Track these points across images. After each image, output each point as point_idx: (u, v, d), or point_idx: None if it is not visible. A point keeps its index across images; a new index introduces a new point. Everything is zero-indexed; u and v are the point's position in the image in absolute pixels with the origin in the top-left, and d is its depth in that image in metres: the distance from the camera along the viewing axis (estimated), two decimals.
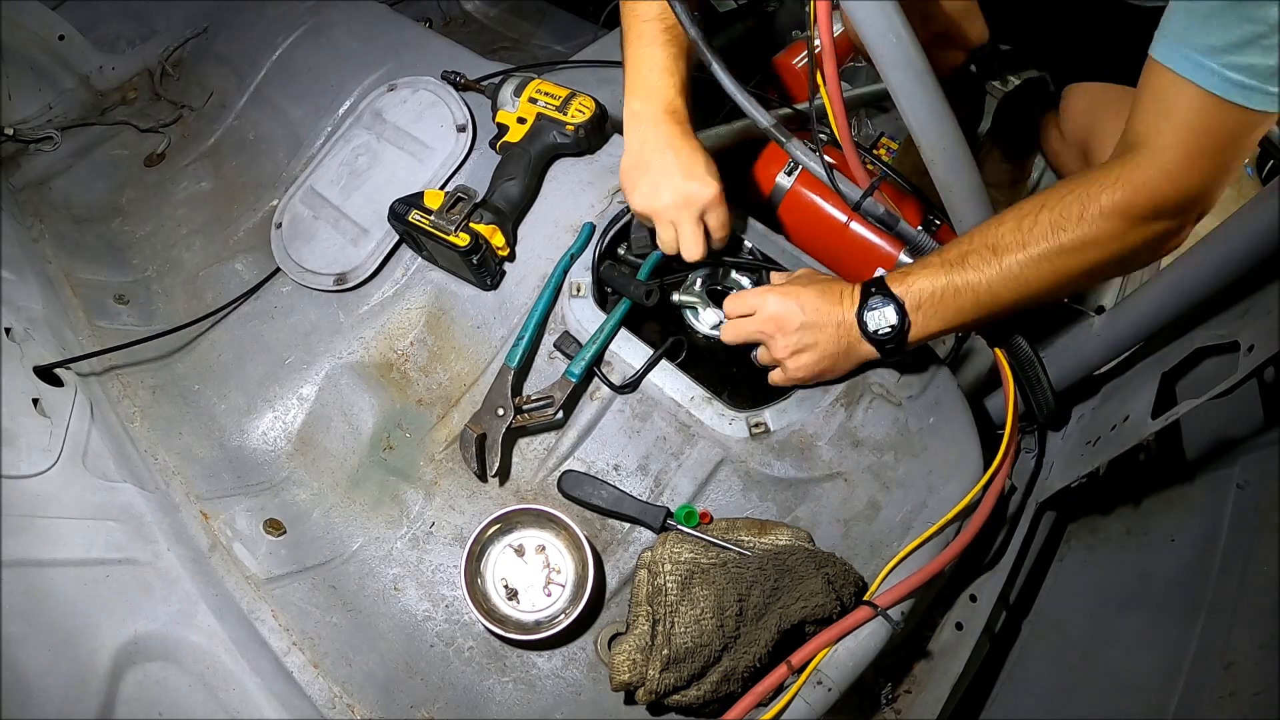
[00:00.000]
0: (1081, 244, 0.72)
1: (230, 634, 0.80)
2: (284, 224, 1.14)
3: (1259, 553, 0.74)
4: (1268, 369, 0.79)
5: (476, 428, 0.91)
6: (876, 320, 0.79)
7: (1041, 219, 0.74)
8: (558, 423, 0.92)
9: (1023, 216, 0.75)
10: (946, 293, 0.77)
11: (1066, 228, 0.72)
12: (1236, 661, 0.69)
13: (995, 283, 0.76)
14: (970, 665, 0.92)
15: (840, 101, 0.83)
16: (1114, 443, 0.87)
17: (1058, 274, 0.75)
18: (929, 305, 0.78)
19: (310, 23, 1.33)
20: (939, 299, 0.78)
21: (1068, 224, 0.72)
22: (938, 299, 0.78)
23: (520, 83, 1.06)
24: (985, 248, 0.76)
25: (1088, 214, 0.72)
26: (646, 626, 0.79)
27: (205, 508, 0.92)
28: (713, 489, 0.89)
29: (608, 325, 0.92)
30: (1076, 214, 0.72)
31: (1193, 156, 0.69)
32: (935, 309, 0.78)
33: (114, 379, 1.03)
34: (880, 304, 0.79)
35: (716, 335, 0.96)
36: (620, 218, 0.99)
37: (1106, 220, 0.71)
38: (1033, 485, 1.03)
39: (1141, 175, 0.70)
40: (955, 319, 0.79)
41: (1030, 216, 0.74)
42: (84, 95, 1.45)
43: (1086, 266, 0.74)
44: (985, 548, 0.99)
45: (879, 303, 0.79)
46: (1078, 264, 0.74)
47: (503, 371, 0.93)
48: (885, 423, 0.89)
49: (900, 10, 0.74)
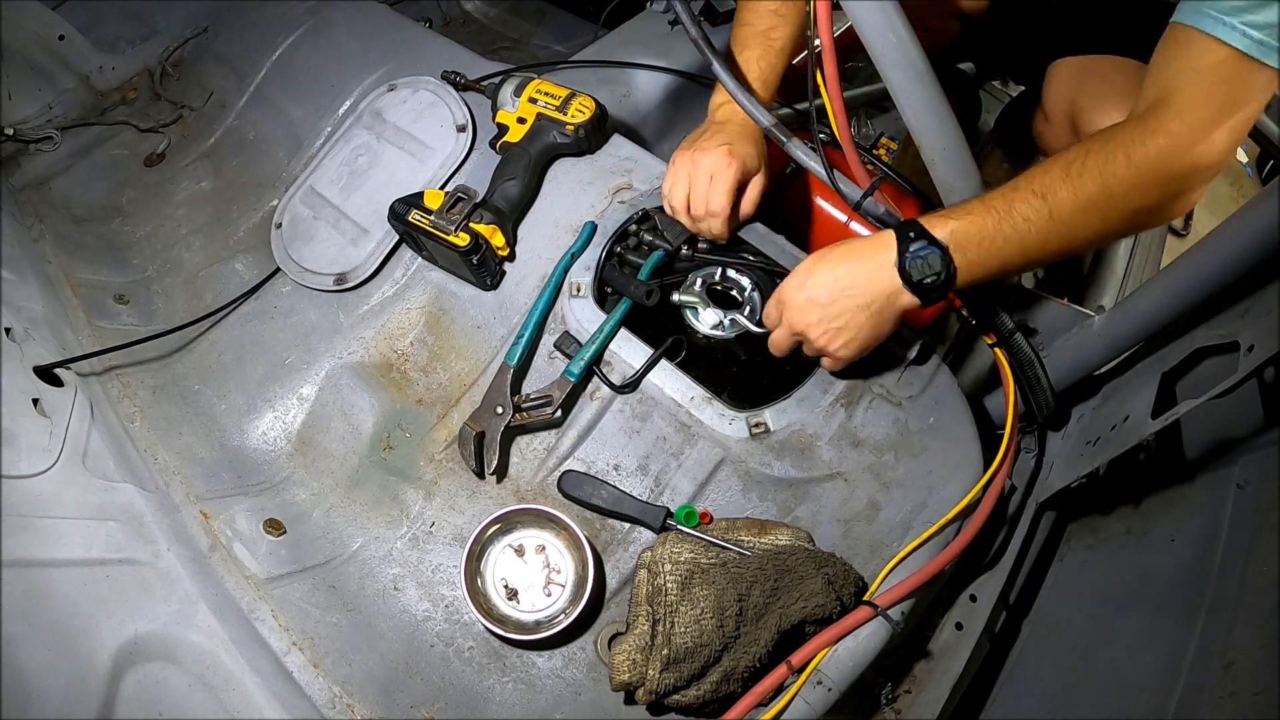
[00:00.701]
0: (1128, 189, 0.72)
1: (230, 634, 0.80)
2: (284, 224, 1.14)
3: (1259, 553, 0.74)
4: (1268, 369, 0.79)
5: (475, 425, 0.91)
6: (921, 270, 0.75)
7: (1090, 165, 0.73)
8: (556, 421, 0.92)
9: (1069, 163, 0.74)
10: (994, 239, 0.75)
11: (1117, 173, 0.72)
12: (1236, 661, 0.69)
13: (1044, 228, 0.74)
14: (970, 665, 0.92)
15: (840, 101, 0.83)
16: (1114, 443, 0.87)
17: (1105, 220, 0.74)
18: (975, 251, 0.75)
19: (310, 23, 1.33)
20: (984, 245, 0.75)
21: (1117, 169, 0.72)
22: (983, 245, 0.75)
23: (520, 83, 1.06)
24: (1032, 193, 0.74)
25: (1135, 159, 0.72)
26: (646, 626, 0.79)
27: (205, 508, 0.92)
28: (713, 489, 0.89)
29: (607, 325, 0.92)
30: (1124, 159, 0.72)
31: (1218, 111, 0.70)
32: (980, 255, 0.75)
33: (114, 379, 1.03)
34: (924, 250, 0.75)
35: (717, 335, 0.96)
36: (625, 224, 0.99)
37: (1151, 167, 0.72)
38: (1033, 485, 1.03)
39: (1176, 127, 0.71)
40: (1000, 265, 0.76)
41: (1078, 163, 0.74)
42: (84, 95, 1.45)
43: (1129, 212, 0.74)
44: (985, 548, 0.99)
45: (923, 249, 0.75)
46: (1122, 210, 0.74)
47: (502, 370, 0.93)
48: (885, 423, 0.89)
49: (900, 10, 0.74)
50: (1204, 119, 0.70)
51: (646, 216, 1.01)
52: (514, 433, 0.94)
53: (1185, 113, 0.71)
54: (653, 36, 1.33)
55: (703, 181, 0.92)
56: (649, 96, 1.31)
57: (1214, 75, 0.69)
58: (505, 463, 0.93)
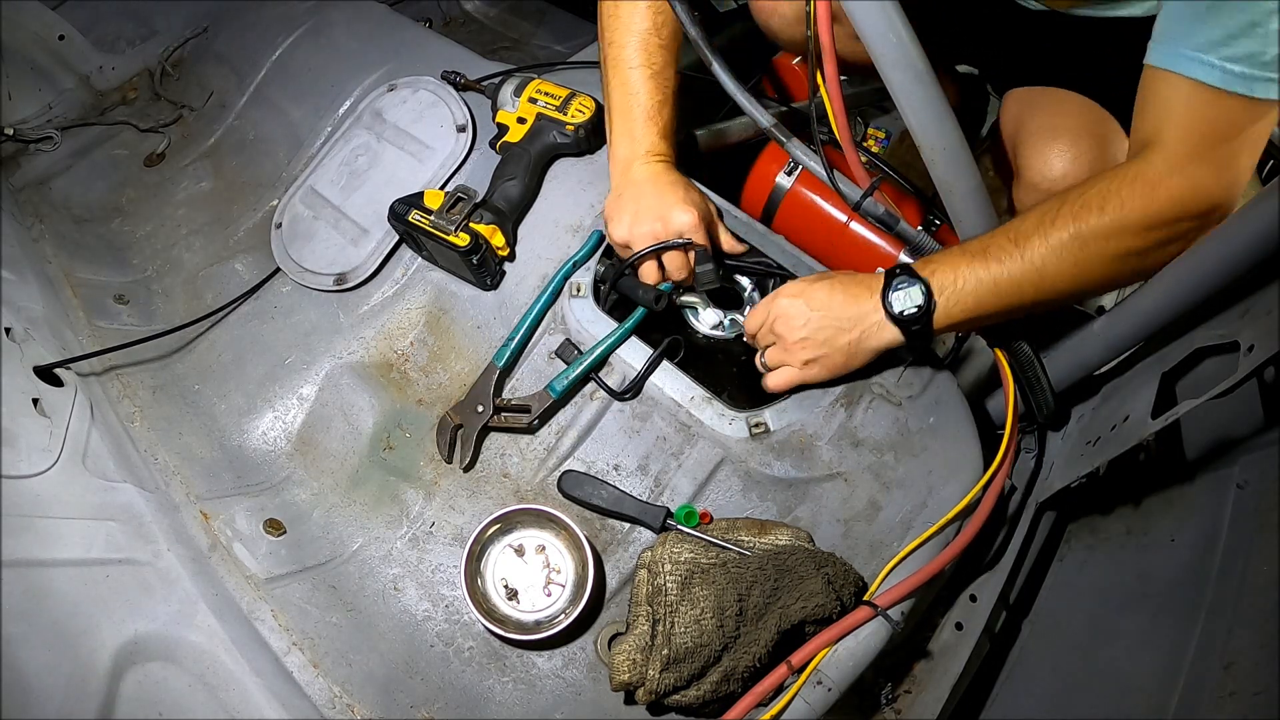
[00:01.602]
0: (1102, 234, 0.73)
1: (230, 634, 0.80)
2: (284, 224, 1.14)
3: (1259, 553, 0.74)
4: (1268, 369, 0.79)
5: (455, 417, 0.93)
6: (902, 301, 0.78)
7: (1063, 211, 0.74)
8: (532, 429, 0.93)
9: (1044, 211, 0.76)
10: (969, 281, 0.77)
11: (1087, 219, 0.73)
12: (1236, 661, 0.69)
13: (1017, 273, 0.76)
14: (970, 665, 0.92)
15: (840, 101, 0.83)
16: (1114, 443, 0.87)
17: (1079, 266, 0.74)
18: (951, 292, 0.78)
19: (310, 23, 1.33)
20: (962, 287, 0.78)
21: (1089, 215, 0.73)
22: (960, 287, 0.78)
23: (520, 83, 1.06)
24: (1007, 240, 0.76)
25: (1108, 206, 0.72)
26: (646, 626, 0.79)
27: (205, 508, 0.92)
28: (713, 489, 0.89)
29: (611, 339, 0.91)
30: (1097, 206, 0.73)
31: (1201, 152, 0.69)
32: (959, 297, 0.78)
33: (114, 379, 1.03)
34: (906, 284, 0.79)
35: (717, 335, 0.96)
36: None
37: (1124, 215, 0.72)
38: (1033, 485, 1.03)
39: (1154, 171, 0.71)
40: (976, 309, 0.78)
41: (1052, 210, 0.75)
42: (84, 95, 1.45)
43: (1106, 260, 0.74)
44: (985, 548, 0.99)
45: (905, 283, 0.78)
46: (1098, 255, 0.74)
47: (489, 369, 0.94)
48: (885, 423, 0.89)
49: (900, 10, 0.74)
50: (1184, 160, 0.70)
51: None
52: (490, 431, 0.94)
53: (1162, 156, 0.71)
54: None
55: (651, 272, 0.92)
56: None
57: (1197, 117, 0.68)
58: (477, 457, 0.94)
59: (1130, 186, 0.72)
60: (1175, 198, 0.71)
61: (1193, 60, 0.66)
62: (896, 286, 0.79)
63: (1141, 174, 0.72)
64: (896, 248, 1.03)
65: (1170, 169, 0.70)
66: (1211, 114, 0.68)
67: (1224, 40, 0.64)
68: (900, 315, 0.79)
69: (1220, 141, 0.69)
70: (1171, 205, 0.71)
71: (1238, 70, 0.65)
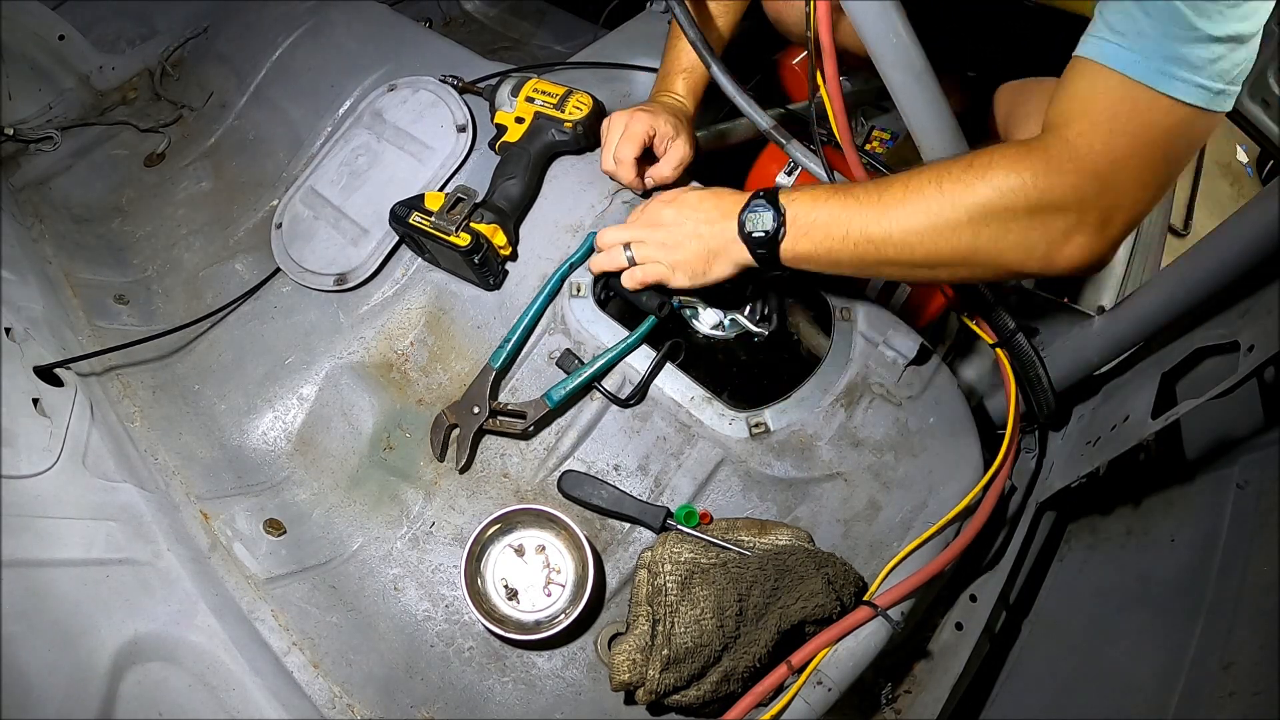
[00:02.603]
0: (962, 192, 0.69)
1: (230, 634, 0.80)
2: (284, 224, 1.14)
3: (1259, 553, 0.74)
4: (1268, 369, 0.79)
5: (450, 416, 0.93)
6: (753, 223, 0.80)
7: (928, 170, 0.73)
8: (527, 435, 0.93)
9: (917, 169, 0.74)
10: (821, 217, 0.77)
11: (951, 172, 0.70)
12: (1236, 661, 0.69)
13: (869, 221, 0.74)
14: (970, 665, 0.92)
15: (840, 101, 0.83)
16: (1114, 443, 0.87)
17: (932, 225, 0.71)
18: (804, 222, 0.78)
19: (310, 23, 1.33)
20: (813, 221, 0.78)
21: (954, 170, 0.70)
22: (812, 219, 0.78)
23: (517, 83, 1.06)
24: (874, 187, 0.76)
25: (976, 163, 0.69)
26: (646, 626, 0.79)
27: (205, 508, 0.92)
28: (713, 489, 0.89)
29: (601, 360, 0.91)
30: (965, 163, 0.70)
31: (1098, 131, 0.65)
32: (808, 230, 0.78)
33: (114, 379, 1.03)
34: (761, 208, 0.80)
35: (717, 335, 0.96)
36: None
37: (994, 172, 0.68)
38: (1033, 485, 1.03)
39: (1042, 150, 0.67)
40: (824, 246, 0.78)
41: (923, 169, 0.74)
42: (84, 95, 1.45)
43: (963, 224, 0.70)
44: (985, 548, 0.99)
45: (760, 207, 0.80)
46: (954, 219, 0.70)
47: (485, 370, 0.94)
48: (885, 423, 0.89)
49: (900, 10, 0.74)
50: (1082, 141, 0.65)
51: None
52: (486, 434, 0.94)
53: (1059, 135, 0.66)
54: (653, 36, 1.33)
55: (615, 133, 0.97)
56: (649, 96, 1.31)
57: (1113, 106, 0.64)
58: (473, 459, 0.94)
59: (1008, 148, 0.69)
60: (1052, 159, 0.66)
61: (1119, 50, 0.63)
62: (752, 208, 0.80)
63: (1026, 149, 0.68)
64: None
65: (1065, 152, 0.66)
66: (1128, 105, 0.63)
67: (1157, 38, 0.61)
68: (749, 236, 0.80)
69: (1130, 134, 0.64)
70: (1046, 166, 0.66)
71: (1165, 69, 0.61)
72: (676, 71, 1.06)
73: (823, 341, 0.95)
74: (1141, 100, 0.63)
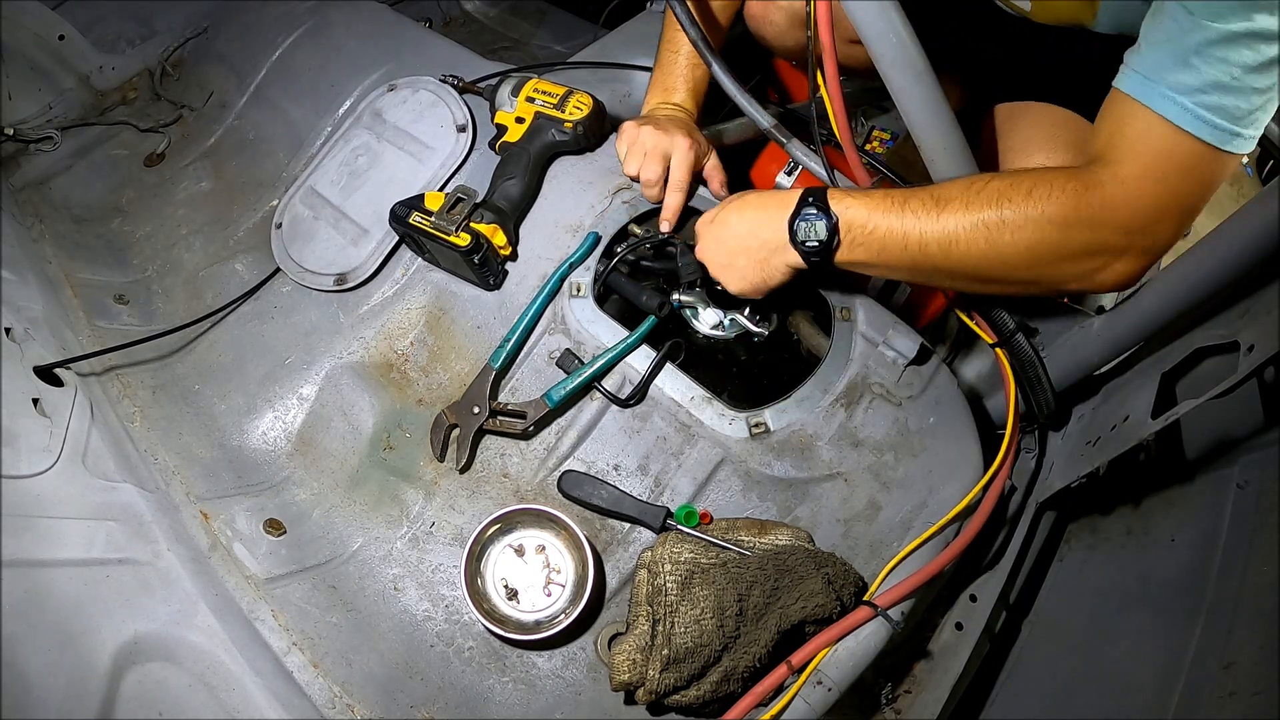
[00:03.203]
0: (1022, 222, 0.71)
1: (230, 634, 0.80)
2: (284, 224, 1.14)
3: (1259, 553, 0.74)
4: (1268, 369, 0.79)
5: (450, 416, 0.93)
6: (805, 231, 0.79)
7: (990, 186, 0.73)
8: (527, 435, 0.93)
9: (974, 180, 0.75)
10: (879, 227, 0.77)
11: (1013, 200, 0.72)
12: (1236, 661, 0.69)
13: (928, 234, 0.75)
14: (970, 665, 0.92)
15: (840, 101, 0.83)
16: (1114, 443, 0.87)
17: (991, 247, 0.73)
18: (858, 232, 0.78)
19: (310, 23, 1.33)
20: (870, 231, 0.77)
21: (1015, 197, 0.72)
22: (869, 231, 0.77)
23: (517, 83, 1.06)
24: (930, 198, 0.76)
25: (1036, 193, 0.71)
26: (646, 626, 0.79)
27: (205, 508, 0.92)
28: (713, 489, 0.89)
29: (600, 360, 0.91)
30: (1025, 190, 0.72)
31: (1149, 177, 0.68)
32: (864, 239, 0.78)
33: (114, 379, 1.03)
34: (815, 217, 0.79)
35: (717, 335, 0.96)
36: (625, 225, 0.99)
37: (1052, 205, 0.70)
38: (1033, 485, 1.03)
39: (1094, 178, 0.70)
40: (880, 257, 0.78)
41: (981, 181, 0.74)
42: (84, 95, 1.45)
43: (1019, 249, 0.73)
44: (985, 548, 0.99)
45: (813, 215, 0.79)
46: (1012, 244, 0.72)
47: (485, 370, 0.94)
48: (885, 423, 0.89)
49: (900, 10, 0.74)
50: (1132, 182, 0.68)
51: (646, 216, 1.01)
52: (486, 434, 0.94)
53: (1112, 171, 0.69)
54: (652, 36, 1.32)
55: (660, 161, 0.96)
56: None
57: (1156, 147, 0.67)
58: (474, 459, 0.94)
59: (1068, 182, 0.70)
60: (1106, 201, 0.69)
61: (1167, 99, 0.65)
62: (804, 216, 0.79)
63: (1082, 177, 0.70)
64: None
65: (1114, 181, 0.69)
66: (1171, 150, 0.67)
67: (1202, 88, 0.63)
68: (802, 244, 0.80)
69: (1171, 175, 0.68)
70: (1101, 208, 0.69)
71: (1208, 117, 0.64)
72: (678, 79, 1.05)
73: (823, 341, 0.95)
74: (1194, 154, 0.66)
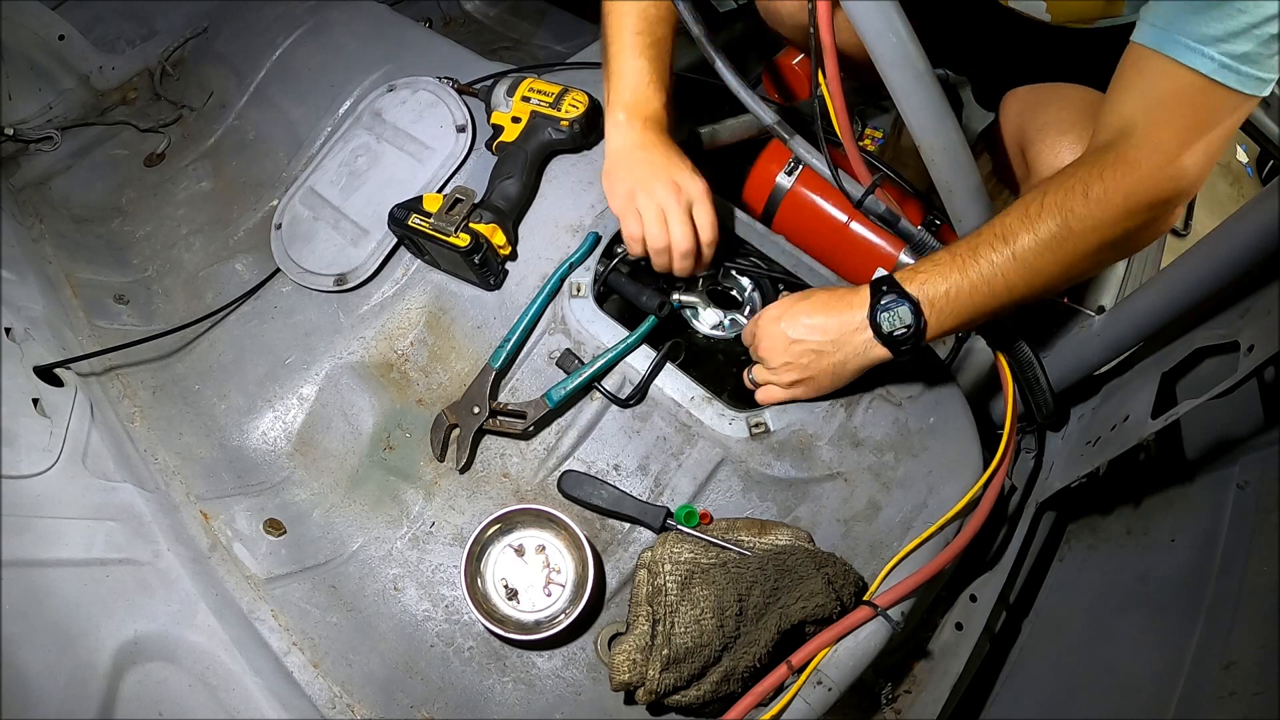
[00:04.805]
0: (1088, 226, 0.72)
1: (230, 634, 0.80)
2: (284, 224, 1.14)
3: (1259, 553, 0.74)
4: (1268, 369, 0.79)
5: (451, 416, 0.93)
6: (891, 321, 0.77)
7: (1047, 203, 0.73)
8: (527, 435, 0.93)
9: (1028, 205, 0.75)
10: (962, 289, 0.76)
11: (1073, 209, 0.72)
12: (1236, 661, 0.69)
13: (1009, 271, 0.75)
14: (970, 665, 0.92)
15: (841, 99, 0.83)
16: (1114, 443, 0.87)
17: (1069, 256, 0.74)
18: (944, 303, 0.77)
19: (310, 23, 1.33)
20: (954, 296, 0.76)
21: (1074, 205, 0.72)
22: (953, 296, 0.76)
23: (512, 83, 1.07)
24: (995, 237, 0.75)
25: (1091, 195, 0.71)
26: (646, 626, 0.79)
27: (205, 508, 0.92)
28: (713, 489, 0.89)
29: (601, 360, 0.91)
30: (1080, 195, 0.72)
31: (1188, 139, 0.69)
32: (951, 306, 0.77)
33: (114, 379, 1.03)
34: (894, 304, 0.77)
35: (717, 335, 0.96)
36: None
37: (1109, 200, 0.71)
38: (1033, 485, 1.03)
39: (1137, 155, 0.70)
40: (971, 314, 0.77)
41: (1035, 203, 0.74)
42: (84, 95, 1.45)
43: (1093, 248, 0.74)
44: (985, 548, 0.99)
45: (893, 302, 0.77)
46: (1084, 247, 0.73)
47: (485, 370, 0.94)
48: (885, 423, 0.89)
49: (900, 10, 0.74)
50: (1169, 145, 0.69)
51: None
52: (488, 434, 0.94)
53: (1148, 140, 0.70)
54: None
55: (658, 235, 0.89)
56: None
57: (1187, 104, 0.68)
58: (474, 459, 0.94)
59: (1113, 171, 0.71)
60: (1160, 182, 0.70)
61: (1191, 50, 0.66)
62: (885, 307, 0.77)
63: (1123, 158, 0.71)
64: (897, 247, 1.02)
65: (1153, 153, 0.70)
66: (1201, 102, 0.68)
67: (1224, 37, 0.64)
68: (890, 336, 0.78)
69: (1200, 125, 0.69)
70: (1154, 191, 0.71)
71: (1232, 65, 0.65)
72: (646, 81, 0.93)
73: None
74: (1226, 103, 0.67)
